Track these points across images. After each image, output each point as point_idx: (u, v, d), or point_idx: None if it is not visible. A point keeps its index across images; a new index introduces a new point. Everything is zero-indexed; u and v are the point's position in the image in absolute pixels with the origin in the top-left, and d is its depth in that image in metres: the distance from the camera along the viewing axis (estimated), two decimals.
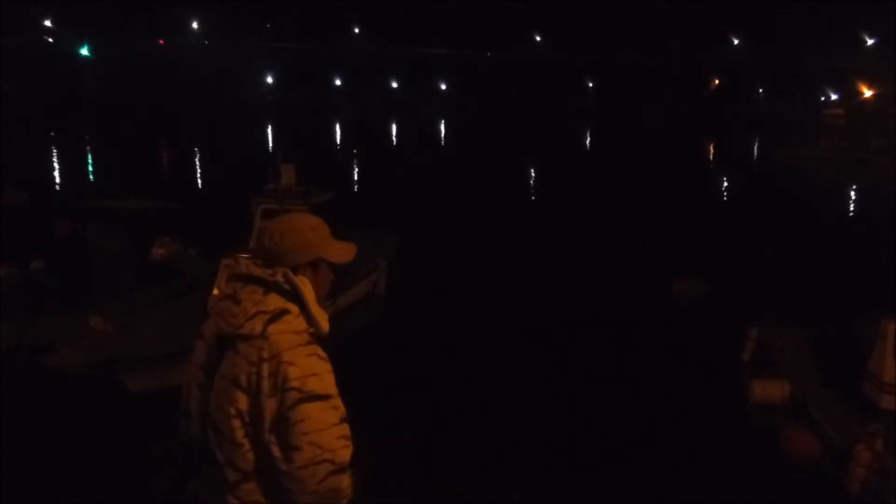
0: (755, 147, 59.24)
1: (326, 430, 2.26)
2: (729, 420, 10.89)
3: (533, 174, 40.56)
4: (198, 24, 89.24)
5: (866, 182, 39.01)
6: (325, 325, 2.40)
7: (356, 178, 37.78)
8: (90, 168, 39.79)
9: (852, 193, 36.38)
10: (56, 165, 39.64)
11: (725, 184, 38.43)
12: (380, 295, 16.26)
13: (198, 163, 42.09)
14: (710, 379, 12.17)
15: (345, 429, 2.32)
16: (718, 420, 10.85)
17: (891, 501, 8.35)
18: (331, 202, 16.27)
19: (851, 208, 33.29)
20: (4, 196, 24.34)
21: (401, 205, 26.29)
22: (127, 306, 12.79)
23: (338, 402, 2.32)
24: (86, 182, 34.35)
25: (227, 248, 14.55)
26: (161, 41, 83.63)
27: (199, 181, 36.34)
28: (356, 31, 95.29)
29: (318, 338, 2.40)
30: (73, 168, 39.22)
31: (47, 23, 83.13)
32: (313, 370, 2.29)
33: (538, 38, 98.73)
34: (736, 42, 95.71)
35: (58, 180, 34.68)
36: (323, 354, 2.35)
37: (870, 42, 76.48)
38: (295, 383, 2.24)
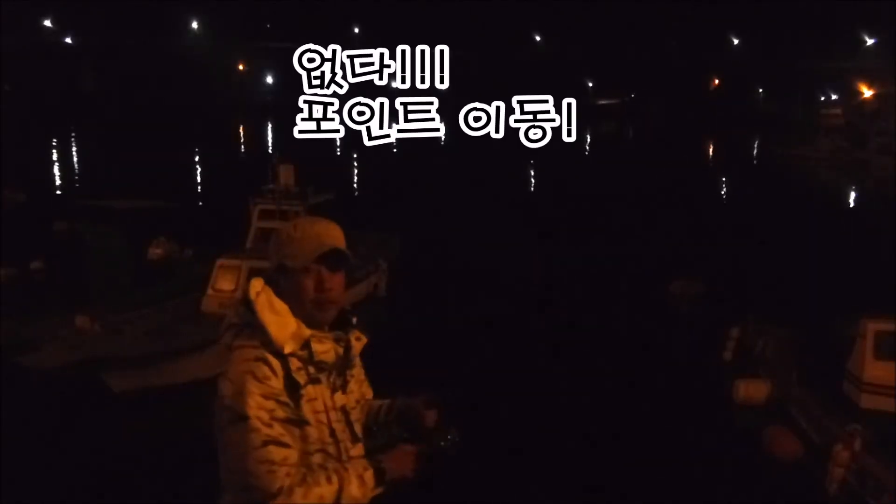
0: (755, 147, 59.13)
1: (246, 454, 2.06)
2: (712, 419, 10.93)
3: (533, 174, 40.49)
4: (198, 24, 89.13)
5: (866, 182, 38.96)
6: (276, 337, 2.14)
7: (357, 179, 37.70)
8: (89, 168, 39.75)
9: (851, 193, 36.33)
10: (55, 165, 39.61)
11: (725, 184, 38.38)
12: (381, 297, 16.21)
13: (196, 163, 42.02)
14: (694, 378, 12.21)
15: (269, 452, 2.05)
16: (701, 419, 10.89)
17: (869, 500, 8.37)
18: (330, 203, 16.23)
19: (850, 207, 33.26)
20: (4, 196, 24.31)
21: (402, 206, 26.24)
22: (117, 306, 12.78)
23: (258, 424, 2.05)
24: (84, 182, 34.30)
25: (223, 249, 14.55)
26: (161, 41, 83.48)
27: (198, 181, 36.29)
28: (356, 31, 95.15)
29: (277, 352, 2.14)
30: (71, 168, 39.21)
31: (47, 23, 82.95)
32: (241, 389, 2.08)
33: (538, 38, 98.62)
34: (736, 42, 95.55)
35: (57, 180, 34.65)
36: (261, 373, 2.09)
37: (870, 42, 76.33)
38: (226, 401, 2.10)
